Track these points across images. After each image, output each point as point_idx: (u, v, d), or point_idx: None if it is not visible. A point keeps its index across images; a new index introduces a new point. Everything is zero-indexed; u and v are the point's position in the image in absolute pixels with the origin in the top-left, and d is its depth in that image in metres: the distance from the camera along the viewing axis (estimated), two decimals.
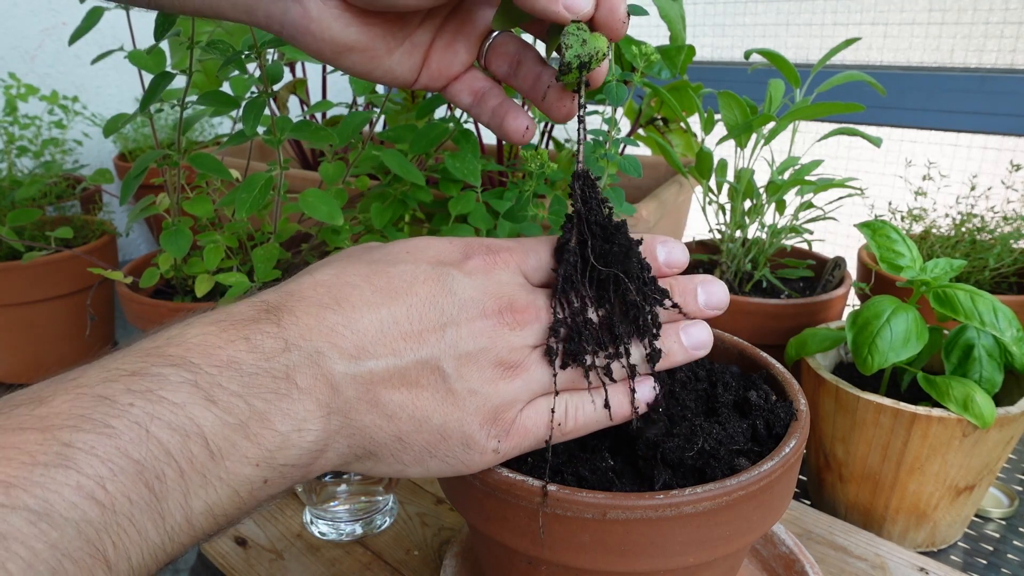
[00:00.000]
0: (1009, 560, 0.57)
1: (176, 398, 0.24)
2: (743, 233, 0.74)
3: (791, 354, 0.59)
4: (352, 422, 0.29)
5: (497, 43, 0.37)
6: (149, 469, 0.23)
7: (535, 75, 0.35)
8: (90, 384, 0.24)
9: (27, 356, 0.86)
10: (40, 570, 0.20)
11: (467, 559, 0.49)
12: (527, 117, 0.36)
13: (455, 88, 0.38)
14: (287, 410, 0.27)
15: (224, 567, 0.53)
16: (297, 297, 0.29)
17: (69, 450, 0.22)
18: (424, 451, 0.30)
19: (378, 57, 0.35)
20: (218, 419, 0.25)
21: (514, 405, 0.31)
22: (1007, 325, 0.51)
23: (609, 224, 0.34)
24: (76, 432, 0.22)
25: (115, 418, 0.23)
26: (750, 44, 1.19)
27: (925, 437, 0.51)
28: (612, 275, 0.33)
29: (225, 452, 0.25)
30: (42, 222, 0.86)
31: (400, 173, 0.56)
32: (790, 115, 0.66)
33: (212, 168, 0.58)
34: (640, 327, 0.33)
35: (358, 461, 0.30)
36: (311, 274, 0.31)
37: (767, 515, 0.34)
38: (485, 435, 0.31)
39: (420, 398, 0.30)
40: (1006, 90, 0.95)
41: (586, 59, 0.31)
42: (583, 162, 0.34)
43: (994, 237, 0.74)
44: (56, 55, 1.20)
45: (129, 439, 0.23)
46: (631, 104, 0.85)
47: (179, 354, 0.25)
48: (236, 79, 0.63)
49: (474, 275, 0.31)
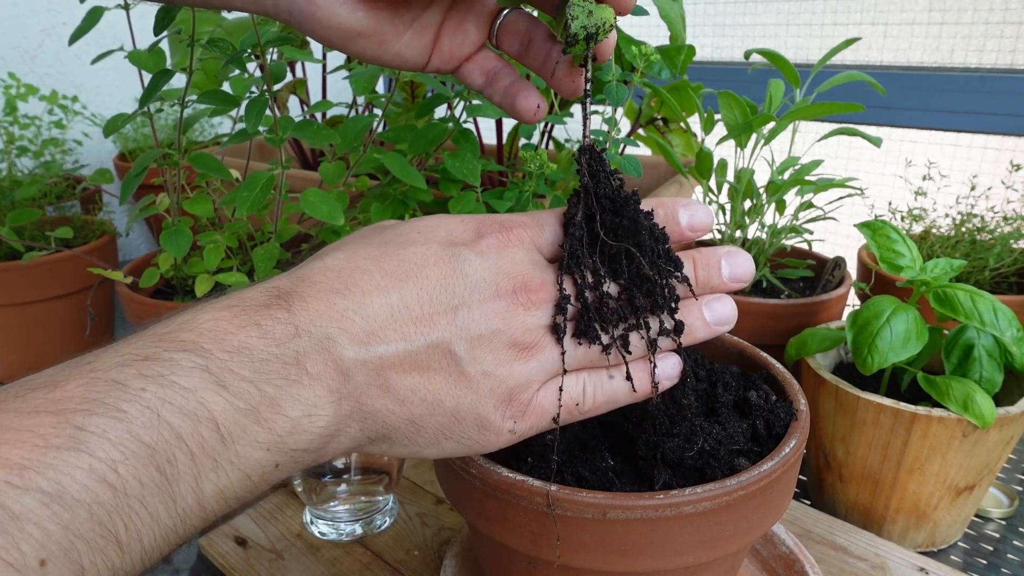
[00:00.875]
0: (1009, 560, 0.57)
1: (187, 383, 0.25)
2: (743, 233, 0.74)
3: (791, 354, 0.59)
4: (363, 407, 0.29)
5: (508, 21, 0.36)
6: (160, 453, 0.23)
7: (546, 52, 0.35)
8: (104, 368, 0.24)
9: (27, 356, 0.86)
10: (52, 550, 0.21)
11: (467, 559, 0.49)
12: (539, 96, 0.36)
13: (467, 69, 0.38)
14: (297, 395, 0.27)
15: (224, 567, 0.53)
16: (308, 282, 0.29)
17: (82, 433, 0.22)
18: (439, 433, 0.30)
19: (387, 41, 0.35)
20: (229, 404, 0.25)
21: (530, 386, 0.31)
22: (1007, 325, 0.51)
23: (619, 197, 0.33)
24: (89, 416, 0.23)
25: (127, 402, 0.23)
26: (750, 44, 1.19)
27: (925, 437, 0.51)
28: (623, 249, 0.32)
29: (236, 436, 0.25)
30: (42, 222, 0.86)
31: (400, 175, 0.56)
32: (790, 115, 0.66)
33: (212, 168, 0.58)
34: (656, 301, 0.32)
35: (372, 444, 0.30)
36: (321, 258, 0.31)
37: (767, 515, 0.34)
38: (500, 416, 0.31)
39: (432, 382, 0.29)
40: (1006, 90, 0.95)
41: (593, 30, 0.30)
42: (589, 135, 0.33)
43: (994, 237, 0.74)
44: (56, 55, 1.20)
45: (141, 423, 0.23)
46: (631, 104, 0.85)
47: (191, 339, 0.26)
48: (236, 79, 0.63)
49: (486, 254, 0.31)
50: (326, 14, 0.32)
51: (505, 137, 0.79)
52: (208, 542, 0.55)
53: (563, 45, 0.32)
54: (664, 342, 0.33)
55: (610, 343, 0.32)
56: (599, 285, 0.32)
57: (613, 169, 0.33)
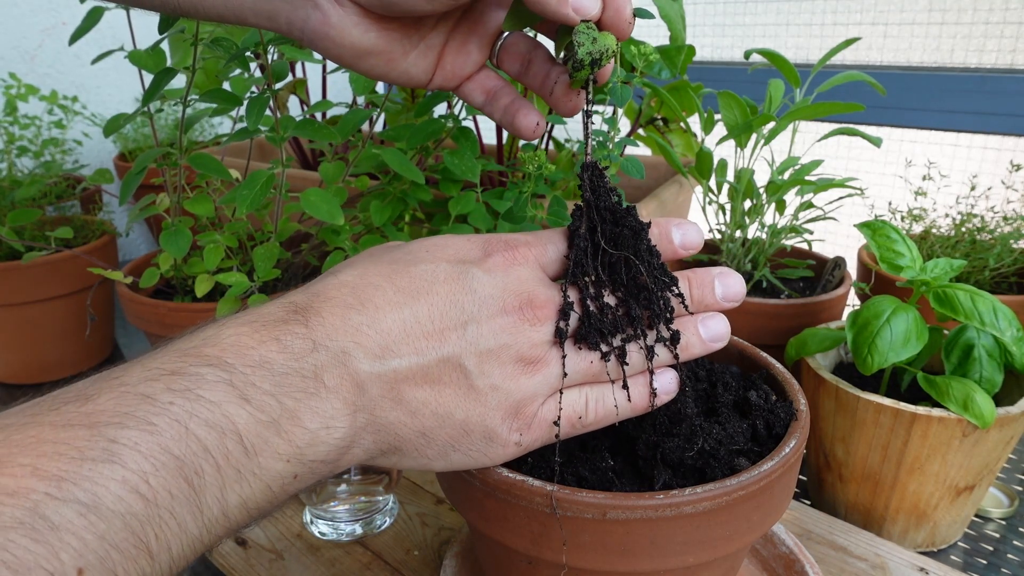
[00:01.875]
0: (1009, 560, 0.57)
1: (213, 396, 0.25)
2: (743, 233, 0.74)
3: (791, 354, 0.59)
4: (377, 419, 0.30)
5: (508, 43, 0.38)
6: (188, 465, 0.24)
7: (544, 72, 0.37)
8: (133, 383, 0.25)
9: (27, 356, 0.86)
10: (90, 559, 0.21)
11: (467, 559, 0.49)
12: (537, 114, 0.37)
13: (468, 87, 0.39)
14: (316, 408, 0.28)
15: (224, 567, 0.53)
16: (323, 298, 0.30)
17: (115, 446, 0.23)
18: (447, 445, 0.31)
19: (395, 60, 0.36)
20: (252, 417, 0.26)
21: (535, 399, 0.32)
22: (1007, 325, 0.51)
23: (619, 209, 0.34)
24: (121, 429, 0.23)
25: (156, 415, 0.24)
26: (750, 44, 1.19)
27: (925, 437, 0.51)
28: (623, 257, 0.33)
29: (258, 448, 0.26)
30: (42, 222, 0.87)
31: (399, 171, 0.56)
32: (790, 115, 0.66)
33: (212, 168, 0.58)
34: (654, 311, 0.33)
35: (383, 456, 0.31)
36: (335, 275, 0.32)
37: (767, 515, 0.34)
38: (507, 429, 0.31)
39: (443, 395, 0.30)
40: (1006, 90, 0.95)
41: (597, 56, 0.32)
42: (591, 154, 0.35)
43: (994, 237, 0.74)
44: (56, 55, 1.20)
45: (170, 436, 0.24)
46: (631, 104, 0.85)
47: (215, 354, 0.27)
48: (236, 78, 0.63)
49: (494, 272, 0.32)
50: (339, 33, 0.33)
51: (505, 137, 0.79)
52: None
53: (563, 67, 0.34)
54: (662, 352, 0.34)
55: (609, 351, 0.32)
56: (600, 296, 0.33)
57: (612, 185, 0.35)
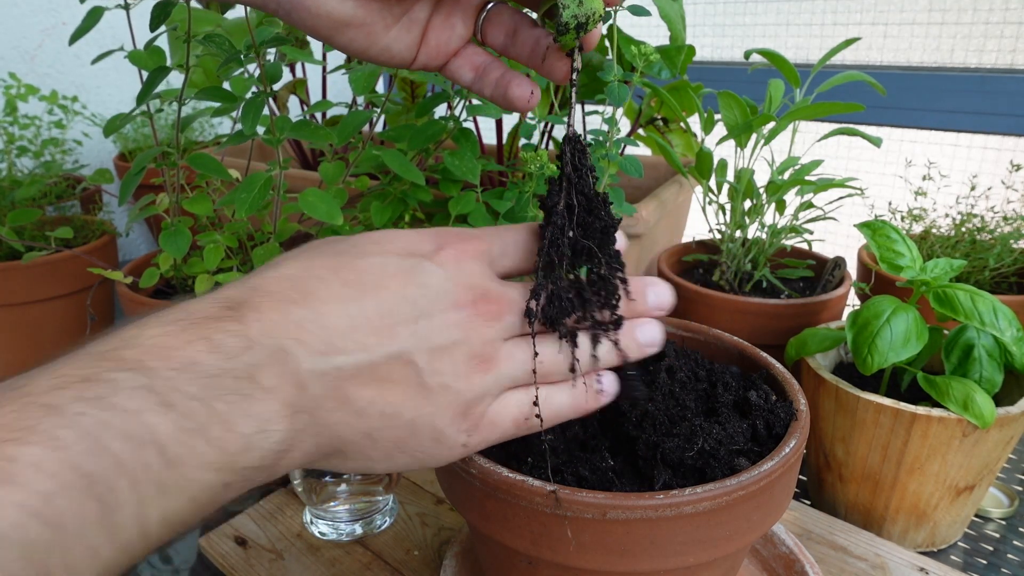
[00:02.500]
0: (1009, 560, 0.57)
1: (130, 405, 0.23)
2: (743, 233, 0.74)
3: (791, 354, 0.59)
4: (319, 420, 0.28)
5: (492, 14, 0.36)
6: (100, 482, 0.22)
7: (533, 40, 0.35)
8: (38, 392, 0.23)
9: (27, 356, 0.86)
10: None
11: (467, 559, 0.49)
12: (531, 83, 0.36)
13: (455, 65, 0.37)
14: (250, 411, 0.26)
15: (224, 567, 0.53)
16: (262, 292, 0.28)
17: (13, 465, 0.20)
18: (393, 447, 0.30)
19: (375, 33, 0.34)
20: (175, 425, 0.24)
21: (484, 399, 0.31)
22: (1007, 325, 0.51)
23: (595, 197, 0.33)
24: (20, 446, 0.21)
25: (63, 428, 0.22)
26: (750, 44, 1.19)
27: (925, 437, 0.51)
28: (587, 247, 0.33)
29: (183, 459, 0.24)
30: (42, 222, 0.86)
31: (400, 172, 0.56)
32: (790, 115, 0.66)
33: (211, 168, 0.58)
34: (607, 303, 0.33)
35: (325, 459, 0.29)
36: (275, 268, 0.30)
37: (767, 515, 0.34)
38: (455, 430, 0.30)
39: (391, 393, 0.29)
40: (1006, 90, 0.95)
41: (583, 19, 0.31)
42: (574, 125, 0.34)
43: (994, 237, 0.74)
44: (56, 55, 1.20)
45: (78, 451, 0.21)
46: (631, 104, 0.85)
47: (134, 357, 0.24)
48: (236, 79, 0.63)
49: (446, 265, 0.31)
50: (314, 2, 0.32)
51: (505, 137, 0.79)
52: (208, 542, 0.55)
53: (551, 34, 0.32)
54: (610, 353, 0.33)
55: (565, 346, 0.32)
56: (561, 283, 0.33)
57: (591, 165, 0.34)
